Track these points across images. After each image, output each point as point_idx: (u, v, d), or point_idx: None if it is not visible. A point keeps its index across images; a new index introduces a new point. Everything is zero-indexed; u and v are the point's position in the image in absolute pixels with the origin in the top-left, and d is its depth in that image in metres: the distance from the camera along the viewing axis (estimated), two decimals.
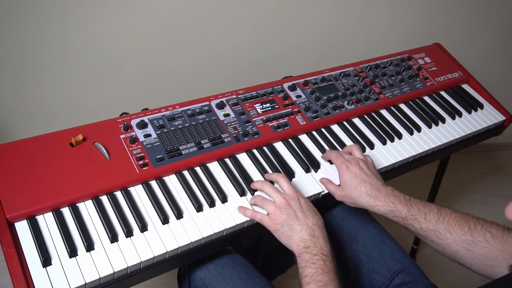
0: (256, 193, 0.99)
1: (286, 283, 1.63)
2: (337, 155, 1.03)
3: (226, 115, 1.12)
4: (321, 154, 1.11)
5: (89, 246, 0.83)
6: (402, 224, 0.95)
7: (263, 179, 1.02)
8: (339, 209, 1.12)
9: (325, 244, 0.86)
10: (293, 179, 1.05)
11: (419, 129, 1.25)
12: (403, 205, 0.94)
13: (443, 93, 1.41)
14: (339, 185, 1.01)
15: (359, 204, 0.97)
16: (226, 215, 0.94)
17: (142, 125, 1.03)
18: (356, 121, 1.24)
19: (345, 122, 1.22)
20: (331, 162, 1.09)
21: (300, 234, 0.86)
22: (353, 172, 0.97)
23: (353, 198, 0.97)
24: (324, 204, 1.08)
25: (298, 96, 1.22)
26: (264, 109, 1.16)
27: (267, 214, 0.92)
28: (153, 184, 0.97)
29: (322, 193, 1.04)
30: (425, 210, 0.93)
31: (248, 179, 1.02)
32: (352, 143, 1.16)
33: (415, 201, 0.95)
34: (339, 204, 1.03)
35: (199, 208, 0.94)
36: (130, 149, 0.99)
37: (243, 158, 1.07)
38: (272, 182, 0.99)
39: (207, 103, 1.13)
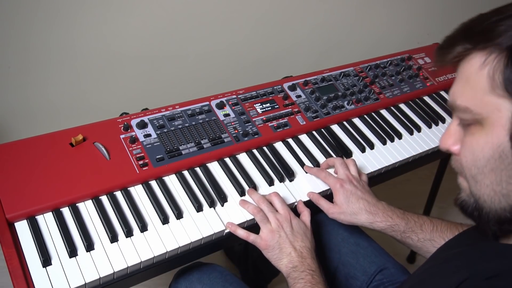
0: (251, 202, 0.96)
1: (284, 285, 1.62)
2: (326, 175, 1.01)
3: (226, 115, 1.12)
4: (321, 154, 1.12)
5: (89, 246, 0.83)
6: (399, 239, 0.95)
7: (264, 179, 1.03)
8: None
9: (313, 262, 0.87)
10: (294, 180, 1.05)
11: (419, 129, 1.25)
12: (400, 218, 0.94)
13: (443, 93, 1.41)
14: (332, 202, 0.98)
15: (357, 221, 0.95)
16: (226, 215, 0.94)
17: (142, 125, 1.03)
18: (356, 121, 1.24)
19: (345, 122, 1.22)
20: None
21: (289, 257, 0.87)
22: (348, 190, 0.96)
23: (350, 215, 0.95)
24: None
25: (298, 96, 1.22)
26: (264, 109, 1.16)
27: (259, 234, 0.91)
28: (153, 184, 0.97)
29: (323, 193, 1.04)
30: (420, 221, 0.95)
31: (248, 179, 1.02)
32: (352, 143, 1.17)
33: (409, 213, 0.96)
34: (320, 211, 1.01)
35: (199, 208, 0.94)
36: (130, 149, 0.99)
37: (243, 158, 1.07)
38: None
39: (207, 103, 1.13)
